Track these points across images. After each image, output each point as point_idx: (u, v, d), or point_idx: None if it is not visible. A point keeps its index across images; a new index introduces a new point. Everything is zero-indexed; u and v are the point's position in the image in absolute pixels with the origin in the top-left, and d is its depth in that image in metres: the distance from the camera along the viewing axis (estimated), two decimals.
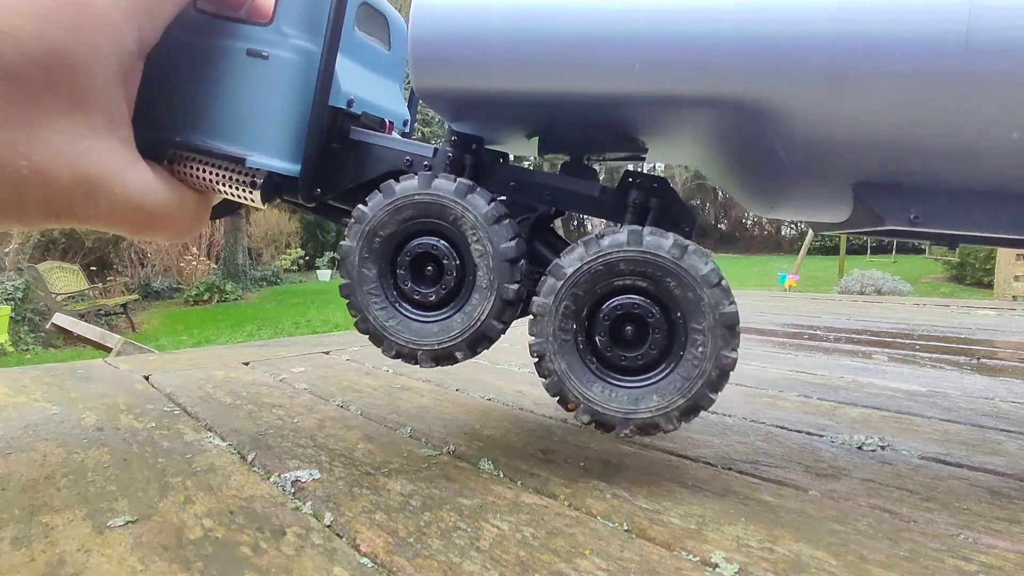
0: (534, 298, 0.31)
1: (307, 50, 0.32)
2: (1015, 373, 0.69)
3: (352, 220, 0.32)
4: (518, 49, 0.30)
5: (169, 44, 0.31)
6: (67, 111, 0.26)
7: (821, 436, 0.43)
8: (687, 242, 0.29)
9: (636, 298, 0.30)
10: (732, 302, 0.29)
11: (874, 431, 0.44)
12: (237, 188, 0.33)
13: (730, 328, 0.29)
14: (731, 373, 0.29)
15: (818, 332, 1.02)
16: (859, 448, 0.40)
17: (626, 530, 0.28)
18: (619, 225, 0.32)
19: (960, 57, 0.26)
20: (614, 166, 0.45)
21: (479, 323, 0.32)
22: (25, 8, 0.24)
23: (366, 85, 0.37)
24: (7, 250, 5.02)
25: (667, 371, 0.30)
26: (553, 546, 0.26)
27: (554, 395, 0.31)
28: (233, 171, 0.32)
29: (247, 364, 0.69)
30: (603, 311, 0.30)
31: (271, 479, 0.33)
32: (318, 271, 9.25)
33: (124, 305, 5.16)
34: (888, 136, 0.28)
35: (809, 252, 5.92)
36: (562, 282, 0.30)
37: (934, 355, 0.80)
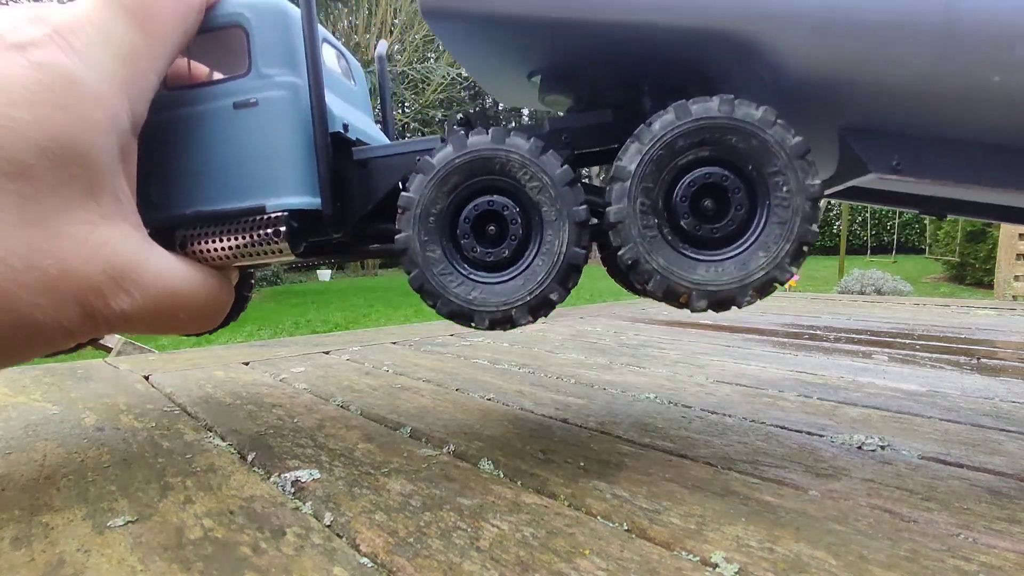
0: (607, 210, 0.30)
1: (293, 84, 0.32)
2: (1015, 373, 0.69)
3: (400, 210, 0.32)
4: None
5: (154, 126, 0.30)
6: (79, 200, 0.25)
7: (821, 436, 0.43)
8: (731, 96, 0.29)
9: (704, 168, 0.30)
10: (796, 134, 0.29)
11: (874, 431, 0.44)
12: (262, 244, 0.32)
13: (803, 157, 0.28)
14: (820, 203, 0.29)
15: (818, 332, 1.02)
16: (859, 448, 0.40)
17: (626, 530, 0.28)
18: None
19: (943, 2, 0.26)
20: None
21: (562, 255, 0.31)
22: (17, 96, 0.23)
23: (350, 114, 0.37)
24: None
25: (762, 224, 0.29)
26: (553, 546, 0.26)
27: (663, 295, 0.30)
28: (253, 227, 0.32)
29: (247, 364, 0.69)
30: (677, 194, 0.30)
31: (271, 479, 0.33)
32: (318, 271, 9.25)
33: None
34: (872, 77, 0.29)
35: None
36: (629, 181, 0.30)
37: (934, 355, 0.80)
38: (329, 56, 0.37)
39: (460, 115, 0.34)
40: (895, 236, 9.02)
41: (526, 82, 0.38)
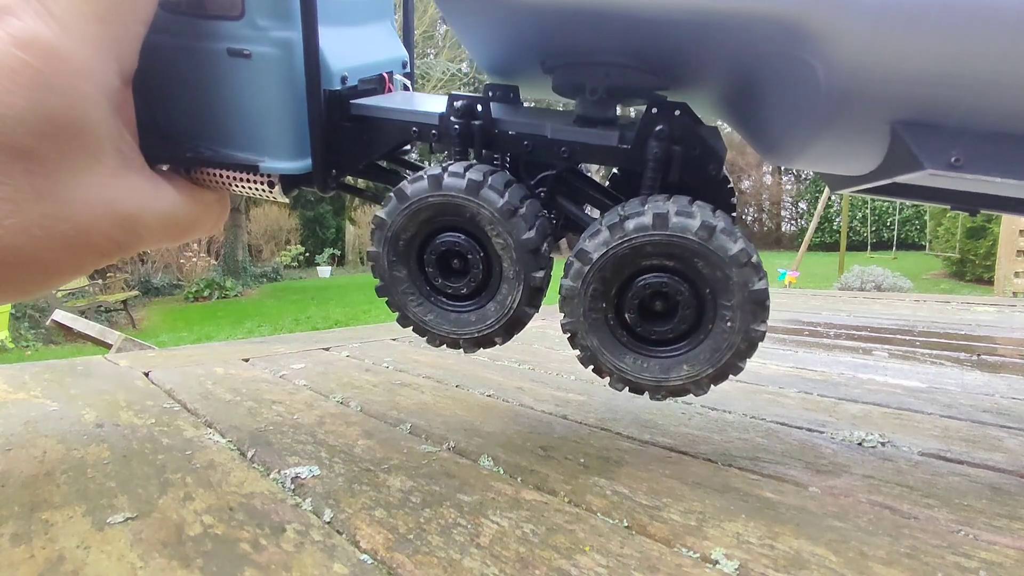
0: (563, 280, 0.31)
1: (287, 40, 0.31)
2: (1015, 369, 0.69)
3: (373, 227, 0.33)
4: None
5: (150, 57, 0.30)
6: (84, 166, 0.27)
7: (821, 432, 0.43)
8: (715, 222, 0.29)
9: (664, 276, 0.30)
10: (762, 278, 0.29)
11: (874, 427, 0.44)
12: (256, 186, 0.34)
13: (759, 303, 0.29)
14: (760, 343, 0.30)
15: (818, 328, 1.02)
16: (859, 444, 0.40)
17: (626, 527, 0.28)
18: (643, 190, 0.32)
19: None
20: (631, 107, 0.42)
21: (511, 310, 0.32)
22: (8, 83, 0.24)
23: (356, 46, 0.36)
24: None
25: (697, 343, 0.31)
26: (553, 543, 0.26)
27: (587, 367, 0.32)
28: (249, 175, 0.33)
29: (247, 361, 0.69)
30: (632, 290, 0.31)
31: (271, 476, 0.33)
32: (318, 268, 9.25)
33: (124, 302, 5.16)
34: (940, 69, 0.27)
35: (809, 248, 5.92)
36: (588, 267, 0.30)
37: (934, 351, 0.80)
38: None
39: (460, 102, 0.33)
40: (895, 232, 9.01)
41: (539, 73, 0.36)
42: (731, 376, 0.31)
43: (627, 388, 0.32)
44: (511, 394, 0.53)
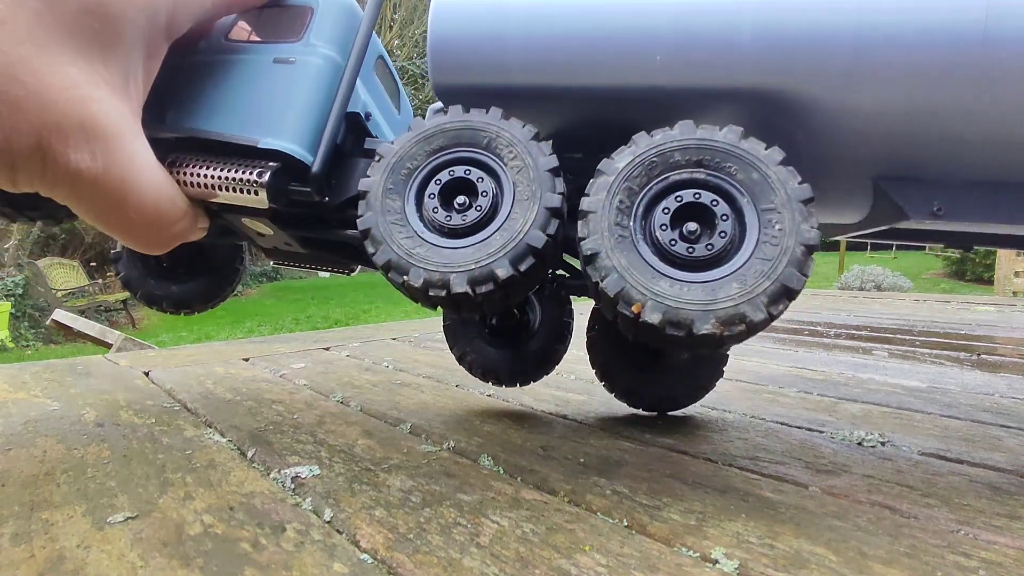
0: (583, 199, 0.29)
1: (332, 58, 0.33)
2: (1015, 369, 0.69)
3: (377, 157, 0.32)
4: (539, 45, 0.30)
5: (199, 64, 0.32)
6: (89, 53, 0.26)
7: (821, 432, 0.43)
8: (741, 128, 0.28)
9: (696, 190, 0.28)
10: (802, 181, 0.27)
11: (874, 427, 0.44)
12: (242, 183, 0.32)
13: (805, 203, 0.27)
14: (814, 251, 0.27)
15: (818, 328, 1.02)
16: (859, 444, 0.40)
17: (626, 526, 0.28)
18: None
19: (979, 47, 0.26)
20: None
21: (523, 234, 0.29)
22: None
23: (380, 122, 0.38)
24: (7, 246, 5.03)
25: (744, 258, 0.27)
26: (553, 542, 0.26)
27: (614, 296, 0.27)
28: (239, 166, 0.32)
29: (247, 360, 0.69)
30: (662, 205, 0.28)
31: (271, 475, 0.33)
32: None
33: (124, 301, 5.16)
34: (909, 128, 0.28)
35: None
36: (614, 176, 0.28)
37: (934, 351, 0.80)
38: (383, 75, 0.39)
39: None
40: None
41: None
42: (791, 294, 0.26)
43: (664, 324, 0.26)
44: (511, 393, 0.53)
